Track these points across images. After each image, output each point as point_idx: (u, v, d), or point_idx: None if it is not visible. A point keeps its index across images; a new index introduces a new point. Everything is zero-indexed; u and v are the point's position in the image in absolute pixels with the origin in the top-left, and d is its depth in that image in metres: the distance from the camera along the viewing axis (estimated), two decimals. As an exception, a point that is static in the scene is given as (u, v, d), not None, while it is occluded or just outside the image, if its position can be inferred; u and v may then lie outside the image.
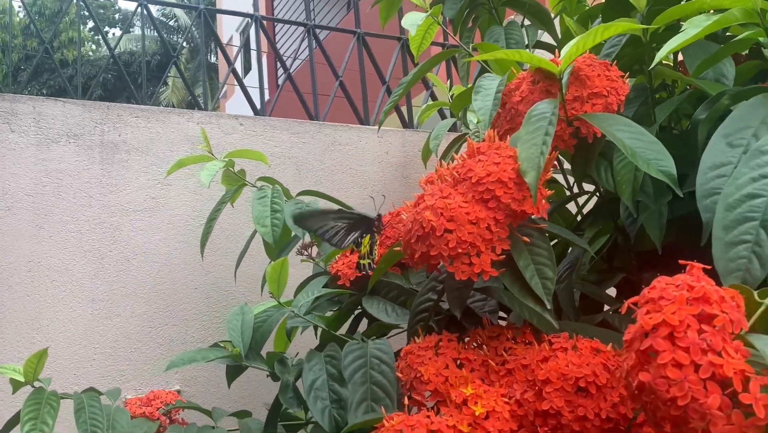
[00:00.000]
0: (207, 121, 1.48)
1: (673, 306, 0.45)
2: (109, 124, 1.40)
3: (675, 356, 0.44)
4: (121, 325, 1.35)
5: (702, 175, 0.62)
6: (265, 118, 1.55)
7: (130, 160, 1.40)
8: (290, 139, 1.55)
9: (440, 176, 0.70)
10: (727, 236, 0.55)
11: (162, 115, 1.45)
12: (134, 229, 1.38)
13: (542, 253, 0.66)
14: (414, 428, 0.62)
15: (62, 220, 1.33)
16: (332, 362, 0.75)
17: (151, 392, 1.05)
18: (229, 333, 0.84)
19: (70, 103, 1.38)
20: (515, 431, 0.64)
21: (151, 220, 1.40)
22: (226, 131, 1.49)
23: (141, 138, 1.42)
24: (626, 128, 0.69)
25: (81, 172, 1.36)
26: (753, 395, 0.42)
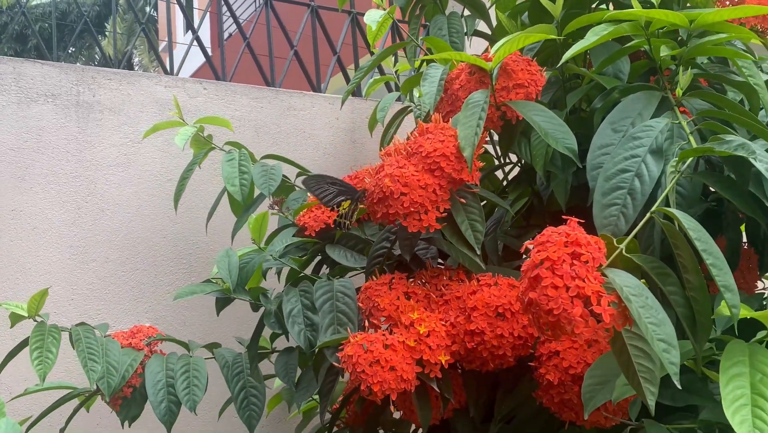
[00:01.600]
0: (174, 85, 1.62)
1: (554, 247, 0.65)
2: (84, 86, 1.52)
3: (553, 281, 0.63)
4: (96, 269, 1.49)
5: (591, 153, 0.82)
6: (226, 83, 1.70)
7: (103, 120, 1.53)
8: (249, 103, 1.70)
9: (397, 150, 0.88)
10: (603, 199, 0.76)
11: (133, 79, 1.58)
12: (108, 182, 1.52)
13: (474, 211, 0.86)
14: (373, 342, 0.82)
15: (42, 173, 1.46)
16: (305, 294, 0.94)
17: (135, 327, 1.21)
18: (219, 271, 1.01)
19: (48, 65, 1.49)
20: (449, 346, 0.84)
21: (124, 174, 1.54)
22: (191, 95, 1.63)
23: (114, 99, 1.55)
24: (541, 113, 0.89)
25: (59, 129, 1.49)
26: (603, 308, 0.62)
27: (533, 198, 1.10)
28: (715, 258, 0.67)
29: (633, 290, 0.64)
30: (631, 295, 0.64)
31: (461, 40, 1.24)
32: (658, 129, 0.78)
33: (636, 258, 0.68)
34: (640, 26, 0.86)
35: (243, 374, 1.12)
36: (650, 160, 0.76)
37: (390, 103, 1.50)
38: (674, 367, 0.63)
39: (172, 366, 1.15)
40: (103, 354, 1.11)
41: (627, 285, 0.64)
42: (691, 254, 0.70)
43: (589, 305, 0.63)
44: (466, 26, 1.27)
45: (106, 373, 1.09)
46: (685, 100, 0.86)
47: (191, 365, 1.15)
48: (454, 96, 0.96)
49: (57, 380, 1.30)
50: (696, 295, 0.70)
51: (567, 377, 0.83)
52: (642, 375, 0.67)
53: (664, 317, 0.64)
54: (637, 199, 0.74)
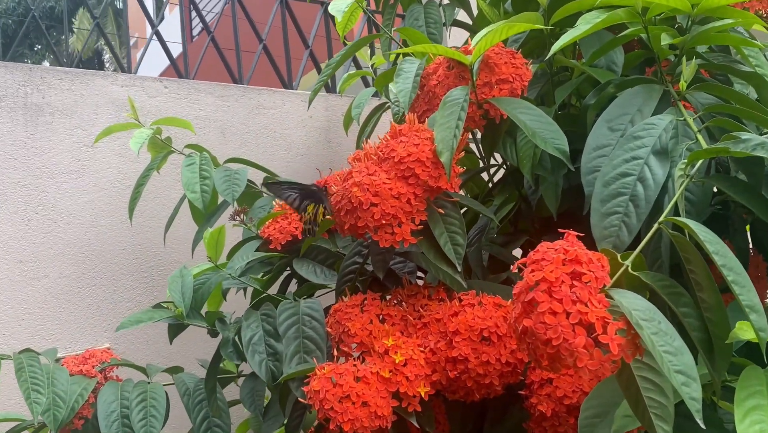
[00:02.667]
0: (131, 83, 1.51)
1: (552, 266, 0.55)
2: (32, 86, 1.41)
3: (551, 306, 0.54)
4: (49, 286, 1.38)
5: (586, 155, 0.72)
6: (189, 81, 1.59)
7: (54, 123, 1.42)
8: (215, 102, 1.59)
9: (367, 155, 0.78)
10: (602, 207, 0.66)
11: (86, 78, 1.46)
12: (60, 191, 1.41)
13: (454, 222, 0.76)
14: (342, 375, 0.72)
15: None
16: (268, 319, 0.84)
17: (87, 351, 1.11)
18: (171, 294, 0.91)
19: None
20: (429, 375, 0.74)
21: (77, 182, 1.43)
22: (150, 94, 1.52)
23: (65, 100, 1.44)
24: (528, 111, 0.79)
25: (5, 134, 1.37)
26: (610, 336, 0.53)
27: (521, 202, 1.01)
28: (737, 274, 0.57)
29: (643, 314, 0.55)
30: (641, 320, 0.54)
31: (439, 31, 1.15)
32: (661, 127, 0.69)
33: (644, 276, 0.59)
34: (636, 12, 0.77)
35: (205, 403, 1.01)
36: (654, 163, 0.67)
37: (366, 99, 1.40)
38: (696, 403, 0.54)
39: (127, 394, 1.04)
40: (49, 384, 1.00)
41: (636, 308, 0.55)
42: (707, 270, 0.60)
43: (594, 333, 0.53)
44: (445, 16, 1.17)
45: (52, 404, 0.99)
46: (689, 94, 0.77)
47: (149, 393, 1.04)
48: (431, 93, 0.86)
49: (4, 411, 1.19)
50: (712, 316, 0.61)
51: (561, 408, 0.73)
52: (653, 411, 0.58)
53: (681, 345, 0.55)
54: (640, 206, 0.65)
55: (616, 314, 0.55)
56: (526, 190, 0.97)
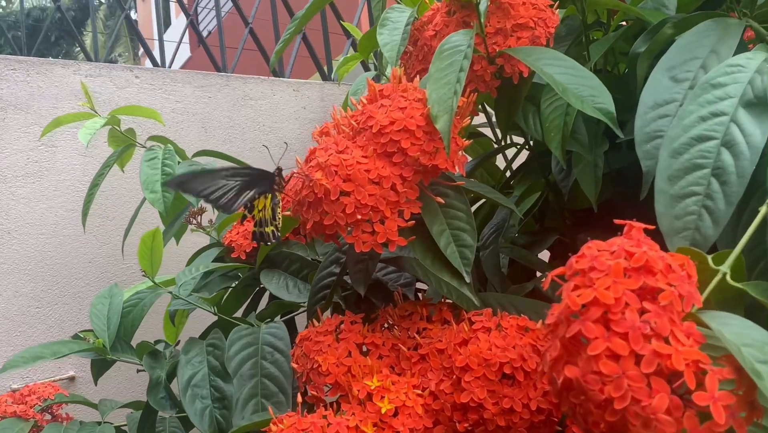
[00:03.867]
0: (96, 73, 1.32)
1: (607, 279, 0.34)
2: (-21, 79, 1.22)
3: (610, 345, 0.33)
4: (2, 306, 1.19)
5: (642, 116, 0.51)
6: (164, 70, 1.40)
7: (6, 119, 1.23)
8: (194, 93, 1.40)
9: (337, 126, 0.58)
10: (672, 187, 0.45)
11: (43, 68, 1.28)
12: (15, 197, 1.22)
13: (460, 216, 0.55)
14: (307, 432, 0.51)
15: (-73, 189, 1.16)
16: (215, 352, 0.63)
17: (26, 387, 0.91)
18: (92, 321, 0.71)
19: (-70, 54, 1.20)
20: (430, 429, 0.54)
21: (34, 186, 1.24)
22: (119, 85, 1.33)
23: (19, 94, 1.25)
24: (557, 62, 0.59)
25: (-53, 133, 1.19)
26: (710, 394, 0.32)
27: (548, 191, 0.80)
28: None
29: (761, 353, 0.34)
30: (758, 362, 0.33)
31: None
32: (752, 69, 0.48)
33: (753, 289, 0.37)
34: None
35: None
36: (745, 119, 0.46)
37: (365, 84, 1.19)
38: None
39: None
40: (-31, 432, 0.81)
41: (747, 343, 0.34)
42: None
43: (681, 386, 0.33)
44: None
45: (-30, 460, 0.79)
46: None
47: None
48: (427, 47, 0.65)
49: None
50: None
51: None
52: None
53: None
54: (729, 183, 0.44)
55: (715, 352, 0.34)
56: (554, 175, 0.76)
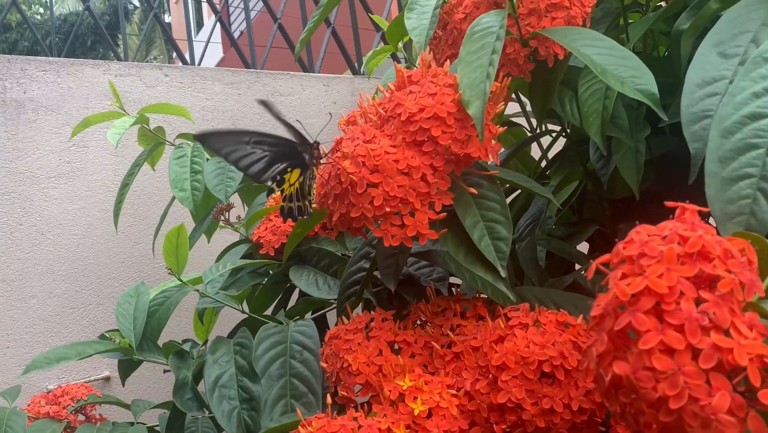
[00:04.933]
0: (126, 72, 1.31)
1: (660, 266, 0.31)
2: (11, 80, 1.23)
3: (664, 338, 0.30)
4: (37, 307, 1.20)
5: (688, 96, 0.48)
6: (193, 68, 1.39)
7: (38, 120, 1.24)
8: (223, 90, 1.38)
9: (364, 114, 0.55)
10: (724, 169, 0.42)
11: (74, 68, 1.28)
12: (47, 198, 1.22)
13: (494, 207, 0.52)
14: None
15: (-39, 191, 1.17)
16: (242, 351, 0.61)
17: (59, 388, 0.91)
18: (118, 320, 0.69)
19: (-38, 57, 1.20)
20: (466, 431, 0.51)
21: (67, 187, 1.24)
22: (148, 84, 1.33)
23: (50, 95, 1.25)
24: (595, 42, 0.55)
25: (-20, 136, 1.19)
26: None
27: (587, 180, 0.76)
28: None
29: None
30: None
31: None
32: (809, 40, 0.44)
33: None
34: None
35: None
36: (804, 95, 0.42)
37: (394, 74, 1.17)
38: None
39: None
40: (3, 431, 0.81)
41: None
42: None
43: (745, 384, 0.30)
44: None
45: (4, 460, 0.79)
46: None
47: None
48: (457, 31, 0.63)
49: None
50: None
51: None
52: None
53: None
54: (788, 164, 0.40)
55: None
56: (593, 163, 0.73)
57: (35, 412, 0.88)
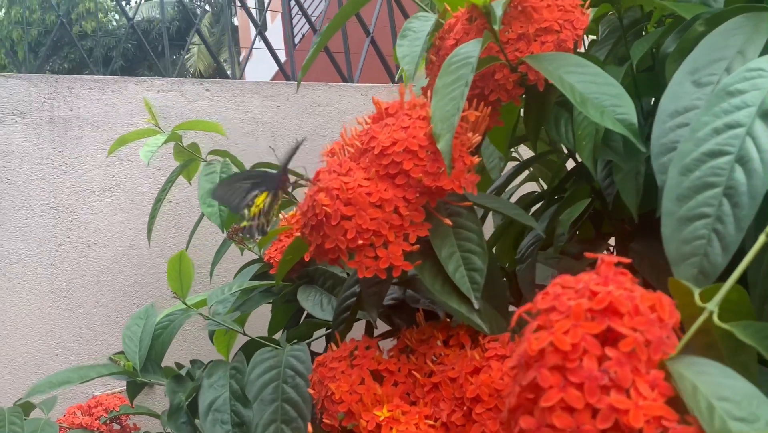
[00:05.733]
0: (168, 88, 1.36)
1: (567, 322, 0.31)
2: (59, 99, 1.29)
3: (565, 396, 0.30)
4: (84, 316, 1.25)
5: (660, 125, 0.47)
6: (233, 81, 1.42)
7: (84, 137, 1.29)
8: (263, 103, 1.41)
9: (344, 147, 0.56)
10: (680, 208, 0.41)
11: (117, 85, 1.33)
12: (93, 211, 1.28)
13: (471, 237, 0.53)
14: (312, 463, 0.50)
15: (13, 206, 1.23)
16: (237, 376, 0.63)
17: (93, 398, 0.95)
18: (124, 342, 0.72)
19: (13, 78, 1.27)
20: (442, 461, 0.51)
21: (112, 200, 1.29)
22: (190, 98, 1.37)
23: (95, 112, 1.31)
24: (578, 69, 0.54)
25: (31, 152, 1.26)
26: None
27: (595, 199, 0.75)
28: None
29: (739, 409, 0.30)
30: (734, 420, 0.30)
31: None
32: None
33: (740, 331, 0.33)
34: None
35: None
36: (762, 132, 0.41)
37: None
38: None
39: (130, 452, 0.87)
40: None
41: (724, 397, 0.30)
42: None
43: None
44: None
45: (33, 472, 0.83)
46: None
47: (156, 450, 0.86)
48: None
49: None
50: None
51: None
52: None
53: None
54: (741, 205, 0.39)
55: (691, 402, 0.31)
56: (599, 182, 0.72)
57: (70, 422, 0.92)
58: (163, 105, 1.34)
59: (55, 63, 8.94)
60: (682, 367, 0.32)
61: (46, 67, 7.97)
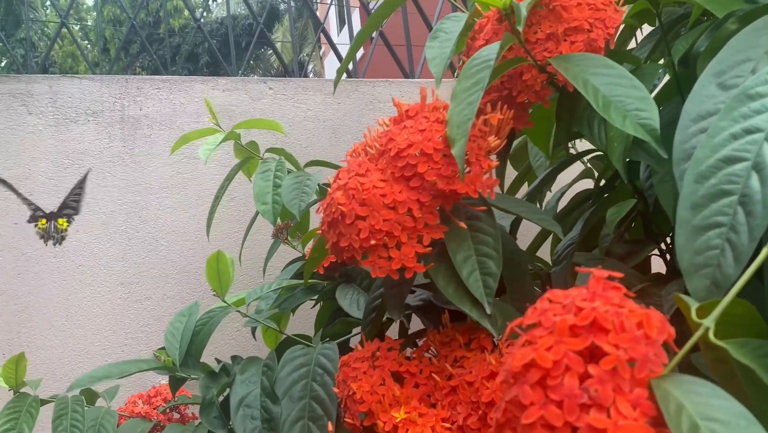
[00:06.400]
0: (233, 87, 1.39)
1: (550, 338, 0.31)
2: (128, 99, 1.34)
3: (545, 414, 0.30)
4: (152, 308, 1.30)
5: (682, 131, 0.45)
6: (295, 79, 1.45)
7: (153, 135, 1.34)
8: (324, 100, 1.43)
9: (365, 148, 0.57)
10: (695, 217, 0.39)
11: (185, 85, 1.37)
12: (161, 207, 1.33)
13: (488, 241, 0.52)
14: (330, 462, 0.51)
15: (86, 202, 1.29)
16: (268, 373, 0.65)
17: (153, 388, 0.99)
18: (166, 339, 0.75)
19: (86, 79, 1.33)
20: (458, 465, 0.51)
21: (179, 196, 1.34)
22: (253, 97, 1.40)
23: (163, 111, 1.35)
24: (603, 71, 0.53)
25: (103, 150, 1.31)
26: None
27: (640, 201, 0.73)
28: None
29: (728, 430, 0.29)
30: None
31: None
32: (800, 74, 0.40)
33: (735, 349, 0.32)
34: None
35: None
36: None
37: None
38: None
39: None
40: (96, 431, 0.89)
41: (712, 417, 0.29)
42: None
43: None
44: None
45: (93, 457, 0.87)
46: None
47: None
48: (477, 58, 0.62)
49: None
50: None
51: None
52: None
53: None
54: (754, 214, 0.37)
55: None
56: (641, 183, 0.70)
57: (130, 411, 0.97)
58: (228, 104, 1.38)
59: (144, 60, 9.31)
60: (671, 386, 0.31)
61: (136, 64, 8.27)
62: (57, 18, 9.81)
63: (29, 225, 1.25)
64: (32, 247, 1.25)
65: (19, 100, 1.28)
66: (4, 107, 1.27)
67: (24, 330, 1.23)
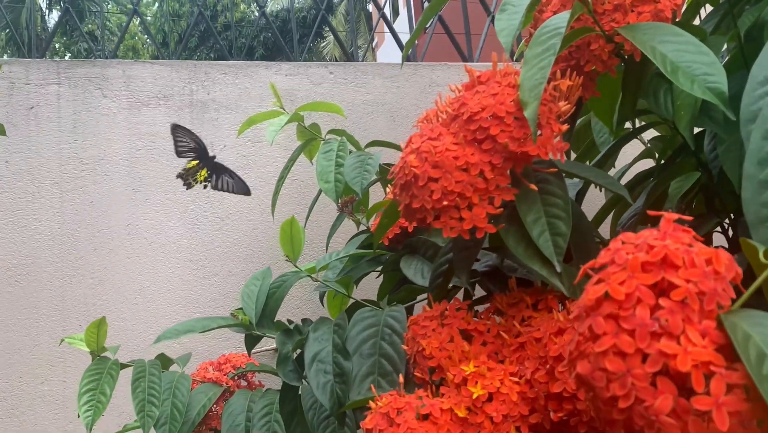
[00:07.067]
0: (295, 72, 1.43)
1: (623, 273, 0.33)
2: (197, 83, 1.39)
3: (617, 342, 0.32)
4: (218, 284, 1.35)
5: (749, 93, 0.47)
6: (355, 64, 1.48)
7: (219, 119, 1.39)
8: (383, 84, 1.46)
9: (436, 113, 0.59)
10: (762, 172, 0.41)
11: (249, 70, 1.42)
12: (227, 188, 1.37)
13: (557, 203, 0.54)
14: (402, 411, 0.54)
15: (157, 182, 1.35)
16: (339, 331, 0.68)
17: (222, 356, 1.03)
18: (242, 299, 0.79)
19: (158, 64, 1.38)
20: (525, 417, 0.54)
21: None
22: (315, 81, 1.44)
23: (229, 95, 1.40)
24: (673, 38, 0.54)
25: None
26: (714, 399, 0.30)
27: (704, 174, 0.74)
28: None
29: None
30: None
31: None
32: None
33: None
34: None
35: (333, 420, 0.88)
36: None
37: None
38: None
39: (253, 406, 0.94)
40: (170, 394, 0.94)
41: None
42: None
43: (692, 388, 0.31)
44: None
45: (169, 417, 0.92)
46: None
47: (275, 406, 0.93)
48: (545, 30, 0.64)
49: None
50: None
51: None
52: None
53: None
54: (822, 166, 0.39)
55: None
56: (706, 155, 0.71)
57: (201, 376, 1.01)
58: (290, 88, 1.42)
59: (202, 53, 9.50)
60: (738, 318, 0.33)
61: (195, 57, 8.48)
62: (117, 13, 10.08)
63: (105, 203, 1.31)
64: (106, 223, 1.31)
65: (95, 84, 1.34)
66: (80, 90, 1.33)
67: (99, 302, 1.29)
